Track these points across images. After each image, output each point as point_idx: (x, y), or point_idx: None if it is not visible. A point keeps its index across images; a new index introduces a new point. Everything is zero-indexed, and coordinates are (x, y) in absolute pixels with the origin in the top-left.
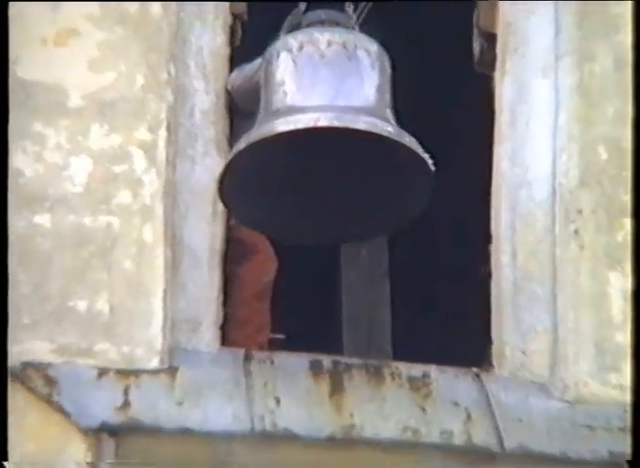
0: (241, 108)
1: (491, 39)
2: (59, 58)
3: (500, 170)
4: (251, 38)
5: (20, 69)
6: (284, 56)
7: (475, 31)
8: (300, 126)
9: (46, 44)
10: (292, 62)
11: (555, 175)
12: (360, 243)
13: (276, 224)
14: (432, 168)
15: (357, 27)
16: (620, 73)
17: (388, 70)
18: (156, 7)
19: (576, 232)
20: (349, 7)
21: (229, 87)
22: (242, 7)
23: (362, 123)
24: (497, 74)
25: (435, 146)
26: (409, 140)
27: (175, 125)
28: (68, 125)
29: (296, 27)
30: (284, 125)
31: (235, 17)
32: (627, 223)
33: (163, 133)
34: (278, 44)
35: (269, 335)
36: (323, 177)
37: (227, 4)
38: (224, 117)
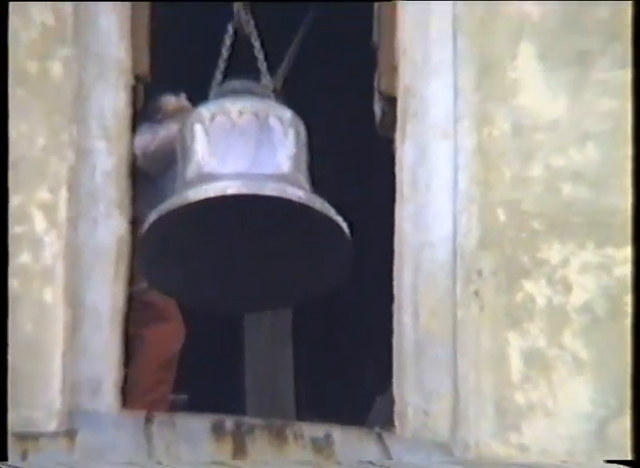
0: (151, 170)
1: (391, 102)
2: None
3: (403, 231)
4: (154, 98)
5: None
6: (197, 127)
7: (376, 95)
8: (210, 194)
9: None
10: (204, 133)
11: (456, 236)
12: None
13: (190, 291)
14: (347, 231)
15: (273, 95)
16: (517, 137)
17: (303, 137)
18: (57, 67)
19: (476, 293)
20: (265, 76)
21: (138, 151)
22: (145, 67)
23: (270, 189)
24: (397, 137)
25: (341, 209)
26: (320, 205)
27: (76, 185)
28: None
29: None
30: (194, 194)
31: (138, 77)
32: (526, 284)
33: (64, 193)
34: (192, 115)
35: (171, 399)
36: (242, 245)
37: (130, 64)
38: (127, 178)
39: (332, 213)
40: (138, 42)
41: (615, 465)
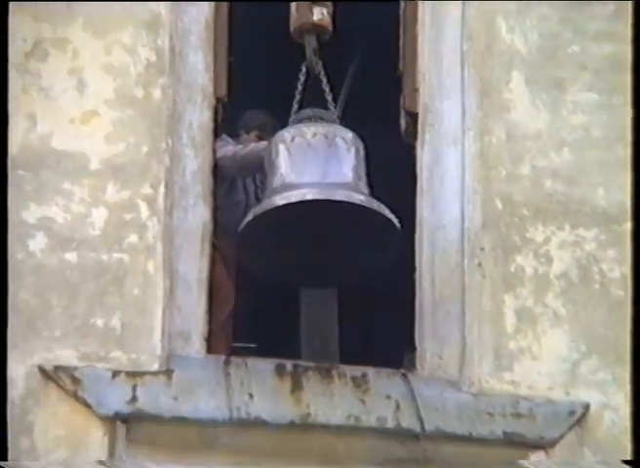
0: (233, 170)
1: (414, 117)
2: (83, 133)
3: (422, 216)
4: (230, 115)
5: (54, 141)
6: (280, 146)
7: (402, 111)
8: (293, 200)
9: (74, 122)
10: (286, 151)
11: (463, 220)
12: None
13: (273, 270)
14: (398, 225)
15: (338, 120)
16: (510, 144)
17: (362, 152)
18: (157, 93)
19: (479, 265)
20: (331, 105)
21: (230, 153)
22: (223, 91)
23: (339, 195)
24: (418, 144)
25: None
26: (377, 206)
27: (171, 183)
28: (90, 183)
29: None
30: (280, 199)
31: (218, 99)
32: (518, 258)
33: (162, 189)
34: (276, 137)
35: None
36: (314, 237)
37: (212, 90)
38: (209, 176)
39: (387, 212)
40: (218, 72)
41: (615, 465)
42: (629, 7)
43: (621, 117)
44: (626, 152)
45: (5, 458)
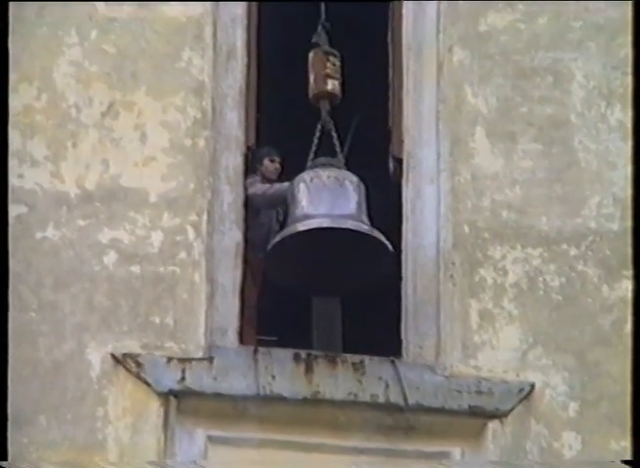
0: (261, 205)
1: (399, 162)
2: (144, 174)
3: (407, 238)
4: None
5: (122, 180)
6: (301, 185)
7: (390, 157)
8: (312, 226)
9: (137, 166)
10: (306, 189)
11: (439, 241)
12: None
13: (293, 281)
14: (391, 249)
15: (344, 166)
16: (475, 183)
17: (364, 192)
18: (201, 142)
19: (451, 276)
20: (339, 154)
21: (259, 192)
22: (252, 141)
23: (348, 224)
24: (403, 182)
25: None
26: (377, 234)
27: (212, 212)
28: (149, 212)
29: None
30: (302, 226)
31: (248, 147)
32: (481, 270)
33: (205, 217)
34: (298, 178)
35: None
36: (325, 257)
37: (243, 139)
38: (241, 207)
39: (383, 238)
40: (249, 126)
41: (614, 465)
42: (629, 7)
43: (559, 163)
44: (564, 190)
45: (5, 458)
